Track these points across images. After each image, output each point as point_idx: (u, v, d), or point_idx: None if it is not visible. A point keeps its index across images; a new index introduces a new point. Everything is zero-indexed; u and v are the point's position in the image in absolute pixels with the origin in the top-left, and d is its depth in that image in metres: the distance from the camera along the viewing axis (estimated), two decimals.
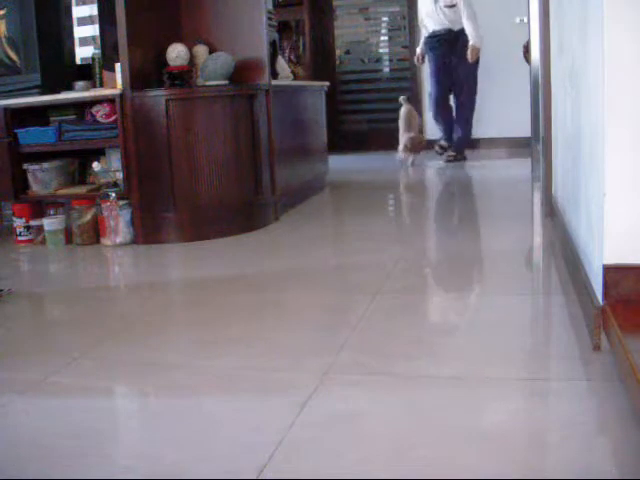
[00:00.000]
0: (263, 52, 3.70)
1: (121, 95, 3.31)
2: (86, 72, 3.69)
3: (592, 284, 1.75)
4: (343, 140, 7.34)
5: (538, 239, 3.11)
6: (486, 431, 1.32)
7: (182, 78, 3.46)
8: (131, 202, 3.34)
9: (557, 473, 1.15)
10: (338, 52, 7.74)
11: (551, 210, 3.19)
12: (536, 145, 4.01)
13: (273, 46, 4.20)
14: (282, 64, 4.42)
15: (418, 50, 6.14)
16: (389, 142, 6.46)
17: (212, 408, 1.29)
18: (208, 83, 3.49)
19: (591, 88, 1.78)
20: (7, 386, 1.68)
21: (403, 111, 6.07)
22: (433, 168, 5.85)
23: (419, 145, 5.93)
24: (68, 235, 3.50)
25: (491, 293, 2.26)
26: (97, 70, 3.63)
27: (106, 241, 3.39)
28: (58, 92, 3.49)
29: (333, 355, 1.74)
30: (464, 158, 5.99)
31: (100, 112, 3.45)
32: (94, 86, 3.61)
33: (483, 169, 5.68)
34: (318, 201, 4.50)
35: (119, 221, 3.34)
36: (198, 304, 2.35)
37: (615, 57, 1.55)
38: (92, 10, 3.98)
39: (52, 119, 3.62)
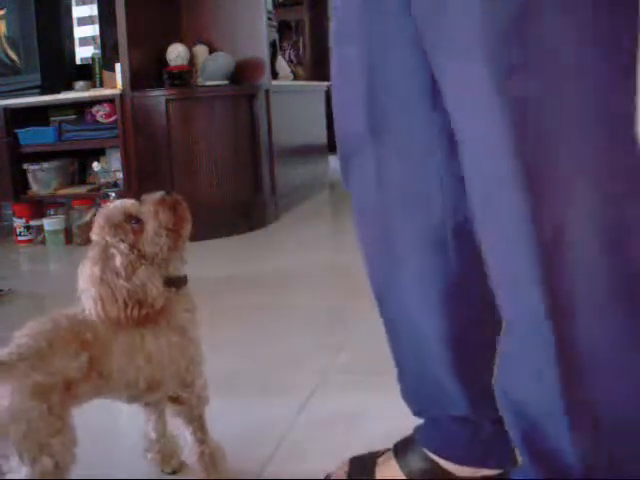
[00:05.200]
0: (263, 52, 3.70)
1: (121, 95, 3.31)
2: (86, 72, 3.70)
3: None
4: None
5: None
6: None
7: (182, 78, 3.46)
8: None
9: None
10: None
11: None
12: None
13: (273, 46, 4.20)
14: (282, 64, 4.42)
15: None
16: None
17: (212, 408, 1.29)
18: (208, 83, 3.49)
19: None
20: None
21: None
22: None
23: None
24: (68, 235, 3.50)
25: None
26: (97, 70, 3.63)
27: None
28: (58, 92, 3.49)
29: (333, 355, 1.74)
30: None
31: (100, 112, 3.46)
32: (94, 86, 3.61)
33: None
34: (318, 201, 4.50)
35: None
36: (197, 304, 2.35)
37: None
38: (92, 10, 3.98)
39: (52, 119, 3.62)
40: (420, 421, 1.12)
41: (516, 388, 0.84)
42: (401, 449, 1.09)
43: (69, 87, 3.57)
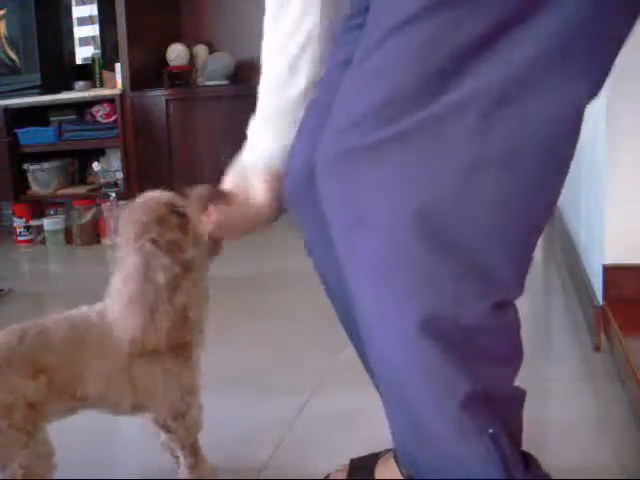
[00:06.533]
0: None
1: (121, 95, 3.31)
2: (86, 72, 3.70)
3: (592, 284, 1.75)
4: None
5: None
6: None
7: (182, 78, 3.46)
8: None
9: (557, 473, 1.14)
10: None
11: None
12: None
13: None
14: None
15: None
16: None
17: (212, 408, 1.29)
18: (208, 83, 3.49)
19: None
20: None
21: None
22: None
23: None
24: (68, 235, 3.50)
25: None
26: (97, 70, 3.63)
27: (106, 241, 3.39)
28: (58, 92, 3.49)
29: (334, 355, 1.74)
30: None
31: (100, 112, 3.46)
32: (94, 86, 3.61)
33: None
34: None
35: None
36: None
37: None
38: (92, 10, 3.98)
39: (52, 119, 3.63)
40: None
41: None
42: None
43: (69, 87, 3.57)
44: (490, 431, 0.83)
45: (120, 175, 3.42)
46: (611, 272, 1.60)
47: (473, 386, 0.80)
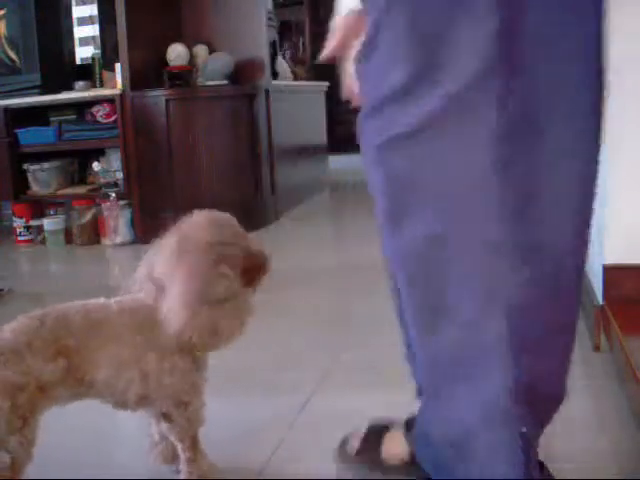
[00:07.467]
0: (263, 52, 3.70)
1: (121, 95, 3.31)
2: (86, 72, 3.70)
3: (592, 284, 1.75)
4: (342, 140, 7.33)
5: None
6: None
7: (182, 78, 3.46)
8: (131, 202, 3.34)
9: (557, 473, 1.15)
10: None
11: None
12: None
13: (273, 46, 4.20)
14: (282, 64, 4.41)
15: None
16: None
17: (212, 408, 1.29)
18: (208, 83, 3.49)
19: None
20: None
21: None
22: None
23: None
24: (68, 235, 3.50)
25: None
26: (97, 70, 3.63)
27: (106, 241, 3.39)
28: (58, 92, 3.49)
29: (334, 355, 1.74)
30: None
31: (100, 112, 3.46)
32: (94, 86, 3.61)
33: None
34: (318, 201, 4.50)
35: (119, 221, 3.34)
36: None
37: (616, 55, 1.55)
38: (92, 10, 3.99)
39: (52, 119, 3.62)
40: None
41: None
42: (411, 425, 1.09)
43: (69, 87, 3.57)
44: (523, 430, 0.83)
45: (120, 175, 3.42)
46: (611, 272, 1.60)
47: (519, 373, 0.81)
